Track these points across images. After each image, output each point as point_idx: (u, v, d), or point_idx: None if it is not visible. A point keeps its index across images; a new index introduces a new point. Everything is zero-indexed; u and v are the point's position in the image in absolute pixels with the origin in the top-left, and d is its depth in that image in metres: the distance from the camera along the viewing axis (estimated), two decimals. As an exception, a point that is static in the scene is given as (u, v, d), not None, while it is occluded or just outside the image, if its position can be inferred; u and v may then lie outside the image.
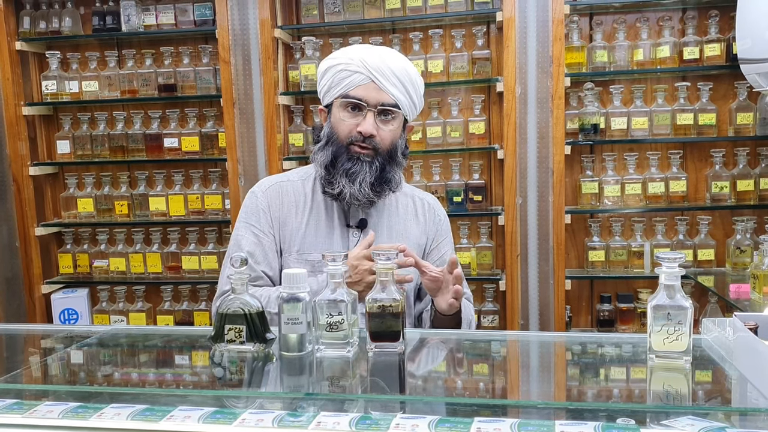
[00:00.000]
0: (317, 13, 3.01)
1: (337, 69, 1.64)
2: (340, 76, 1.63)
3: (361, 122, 1.62)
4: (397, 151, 1.68)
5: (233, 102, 2.97)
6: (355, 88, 1.62)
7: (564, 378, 1.22)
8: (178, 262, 3.15)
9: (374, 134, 1.62)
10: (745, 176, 2.80)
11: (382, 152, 1.65)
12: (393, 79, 1.61)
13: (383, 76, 1.61)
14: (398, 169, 1.70)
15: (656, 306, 1.09)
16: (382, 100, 1.62)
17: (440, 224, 1.81)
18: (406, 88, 1.64)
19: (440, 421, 0.92)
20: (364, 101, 1.61)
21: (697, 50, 2.78)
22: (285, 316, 1.19)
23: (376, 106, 1.62)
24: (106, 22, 3.10)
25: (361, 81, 1.61)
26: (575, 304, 3.05)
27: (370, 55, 1.62)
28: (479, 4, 2.90)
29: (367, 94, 1.61)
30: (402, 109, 1.65)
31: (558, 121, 2.78)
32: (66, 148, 3.18)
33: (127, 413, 0.98)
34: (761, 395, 0.98)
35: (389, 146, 1.66)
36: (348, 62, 1.62)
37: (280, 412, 0.98)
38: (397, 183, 1.70)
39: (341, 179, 1.63)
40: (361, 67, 1.61)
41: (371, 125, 1.62)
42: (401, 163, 1.71)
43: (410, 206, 1.79)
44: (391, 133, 1.65)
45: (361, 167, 1.63)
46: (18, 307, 3.23)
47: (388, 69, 1.61)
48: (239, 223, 1.73)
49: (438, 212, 1.82)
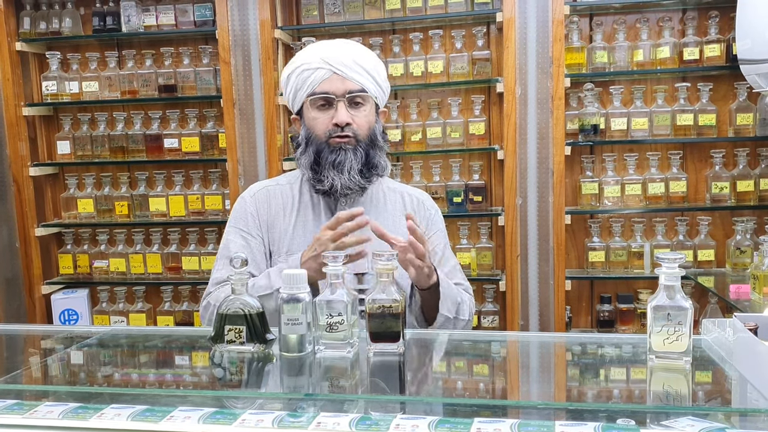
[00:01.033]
0: (317, 14, 3.01)
1: (298, 72, 1.67)
2: (302, 77, 1.66)
3: (335, 114, 1.65)
4: (376, 136, 1.71)
5: (233, 102, 2.97)
6: (320, 83, 1.65)
7: (564, 378, 1.22)
8: (179, 262, 3.15)
9: (350, 122, 1.65)
10: (745, 177, 2.80)
11: (362, 138, 1.67)
12: (354, 66, 1.64)
13: (344, 65, 1.64)
14: (382, 154, 1.72)
15: (656, 306, 1.09)
16: (348, 89, 1.65)
17: (430, 218, 1.80)
18: (369, 73, 1.67)
19: (440, 422, 0.92)
20: (332, 93, 1.64)
21: (697, 51, 2.78)
22: (285, 316, 1.19)
23: (345, 95, 1.65)
24: (106, 23, 3.10)
25: (324, 75, 1.64)
26: (575, 304, 3.05)
27: (327, 49, 1.66)
28: (479, 5, 2.90)
29: (332, 86, 1.64)
30: (369, 93, 1.68)
31: (558, 122, 2.78)
32: (66, 148, 3.18)
33: (127, 414, 0.98)
34: (761, 396, 0.98)
35: (367, 132, 1.69)
36: (307, 62, 1.66)
37: (280, 413, 0.98)
38: (383, 168, 1.72)
39: (329, 173, 1.65)
40: (320, 62, 1.64)
41: (345, 114, 1.64)
42: (383, 147, 1.73)
43: (399, 202, 1.79)
44: (365, 118, 1.68)
45: (345, 156, 1.65)
46: (18, 307, 3.23)
47: (347, 58, 1.64)
48: (228, 227, 1.76)
49: (428, 206, 1.82)
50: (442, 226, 1.83)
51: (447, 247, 1.79)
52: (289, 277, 1.20)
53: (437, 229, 1.80)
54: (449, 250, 1.80)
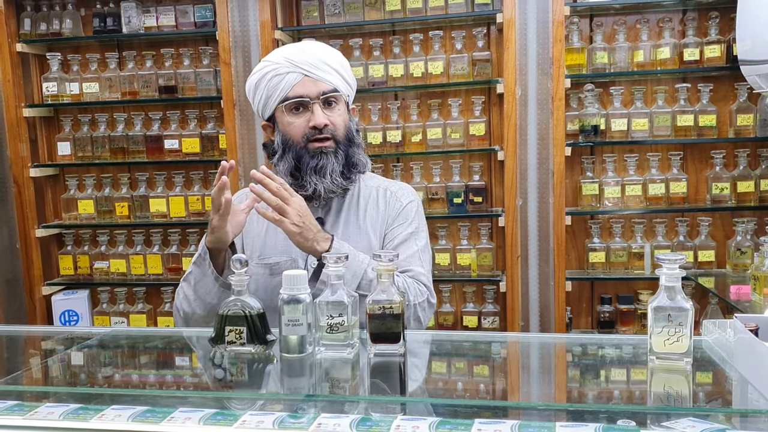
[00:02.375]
0: (317, 15, 3.01)
1: (267, 78, 1.64)
2: (273, 83, 1.64)
3: (311, 117, 1.63)
4: (353, 134, 1.70)
5: (234, 103, 2.97)
6: (292, 88, 1.63)
7: (564, 379, 1.22)
8: (179, 263, 3.15)
9: (327, 123, 1.64)
10: (745, 177, 2.80)
11: (340, 138, 1.66)
12: (324, 66, 1.63)
13: (314, 67, 1.62)
14: (360, 151, 1.71)
15: (657, 307, 1.09)
16: (321, 90, 1.63)
17: (401, 210, 1.73)
18: (338, 72, 1.66)
19: (441, 423, 0.92)
20: (306, 96, 1.62)
21: (697, 51, 2.78)
22: (285, 317, 1.19)
23: (319, 97, 1.63)
24: (106, 24, 3.10)
25: (296, 79, 1.62)
26: (576, 305, 3.04)
27: (294, 53, 1.64)
28: (479, 6, 2.90)
29: (306, 90, 1.62)
30: (341, 92, 1.67)
31: (558, 123, 2.78)
32: (67, 149, 3.18)
33: (128, 415, 0.98)
34: (762, 396, 0.98)
35: (344, 131, 1.67)
36: (276, 67, 1.64)
37: (280, 414, 0.98)
38: (363, 164, 1.70)
39: (311, 178, 1.63)
40: (290, 66, 1.62)
41: (321, 116, 1.63)
42: (360, 143, 1.72)
43: (372, 196, 1.75)
44: (340, 117, 1.67)
45: (327, 159, 1.64)
46: (18, 308, 3.23)
47: (316, 59, 1.63)
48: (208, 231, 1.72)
49: (401, 199, 1.75)
50: (415, 220, 1.74)
51: (412, 236, 1.70)
52: (289, 278, 1.20)
53: (404, 221, 1.72)
54: (416, 240, 1.70)
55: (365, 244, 1.67)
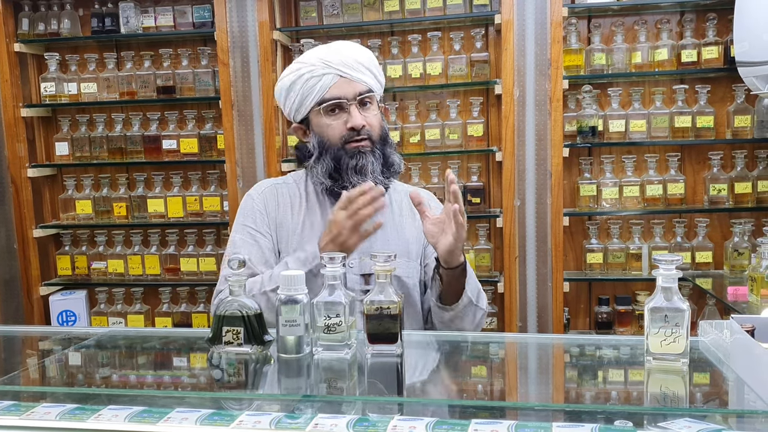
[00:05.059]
0: (316, 15, 3.01)
1: (304, 79, 1.64)
2: (309, 84, 1.63)
3: (348, 118, 1.63)
4: (386, 134, 1.71)
5: (232, 104, 2.97)
6: (329, 89, 1.62)
7: (562, 380, 1.22)
8: (177, 264, 3.15)
9: (365, 124, 1.64)
10: (743, 179, 2.81)
11: (376, 139, 1.66)
12: (359, 66, 1.63)
13: (349, 67, 1.62)
14: (393, 150, 1.71)
15: (653, 308, 1.09)
16: (357, 90, 1.63)
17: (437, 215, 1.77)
18: (371, 71, 1.66)
19: (438, 423, 0.92)
20: (344, 98, 1.62)
21: (695, 53, 2.79)
22: (283, 318, 1.19)
23: (355, 98, 1.63)
24: (104, 24, 3.10)
25: (332, 81, 1.62)
26: (573, 306, 3.05)
27: (328, 54, 1.64)
28: (478, 7, 2.90)
29: (342, 91, 1.62)
30: (375, 92, 1.67)
31: (556, 124, 2.79)
32: (64, 149, 3.18)
33: (125, 415, 0.98)
34: (758, 397, 0.99)
35: (379, 131, 1.68)
36: (312, 69, 1.63)
37: (277, 414, 0.98)
38: (399, 164, 1.71)
39: (352, 178, 1.63)
40: (325, 68, 1.62)
41: (359, 117, 1.63)
42: (392, 143, 1.73)
43: (405, 202, 1.77)
44: (375, 117, 1.68)
45: (366, 159, 1.64)
46: (16, 308, 3.23)
47: (351, 59, 1.63)
48: (236, 226, 1.73)
49: (431, 205, 1.78)
50: None
51: None
52: (286, 279, 1.20)
53: None
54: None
55: (404, 247, 1.70)
